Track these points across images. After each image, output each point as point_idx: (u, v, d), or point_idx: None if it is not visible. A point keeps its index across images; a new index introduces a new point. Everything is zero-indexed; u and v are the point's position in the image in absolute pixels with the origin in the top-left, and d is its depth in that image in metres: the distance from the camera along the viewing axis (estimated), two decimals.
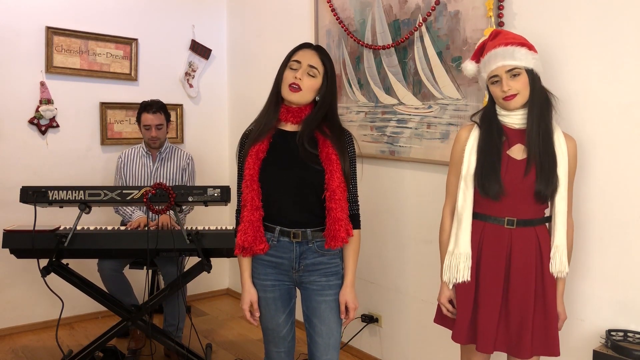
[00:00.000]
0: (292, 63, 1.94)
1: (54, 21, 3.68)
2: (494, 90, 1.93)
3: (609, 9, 2.10)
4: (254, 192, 1.90)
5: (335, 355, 2.01)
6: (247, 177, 1.91)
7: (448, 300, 2.03)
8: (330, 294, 1.98)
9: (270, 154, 1.93)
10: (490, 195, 1.90)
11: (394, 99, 2.96)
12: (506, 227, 1.92)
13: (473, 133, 1.98)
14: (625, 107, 2.07)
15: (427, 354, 2.91)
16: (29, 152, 3.66)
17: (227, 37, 4.42)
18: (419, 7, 2.78)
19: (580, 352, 2.23)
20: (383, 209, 3.10)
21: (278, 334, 2.01)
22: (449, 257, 1.99)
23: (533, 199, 1.90)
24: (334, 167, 1.89)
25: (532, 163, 1.88)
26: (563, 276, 1.93)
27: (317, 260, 1.97)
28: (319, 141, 1.93)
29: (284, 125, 1.99)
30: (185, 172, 3.45)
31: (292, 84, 1.91)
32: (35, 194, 2.60)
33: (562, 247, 1.91)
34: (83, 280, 2.92)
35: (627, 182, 2.08)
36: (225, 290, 4.59)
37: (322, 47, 2.03)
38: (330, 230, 1.90)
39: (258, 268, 1.99)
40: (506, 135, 1.94)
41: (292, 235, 1.94)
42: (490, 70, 1.91)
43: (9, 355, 3.34)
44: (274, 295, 1.99)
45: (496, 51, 1.90)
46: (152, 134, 3.32)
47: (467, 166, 1.95)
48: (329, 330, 1.99)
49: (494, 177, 1.88)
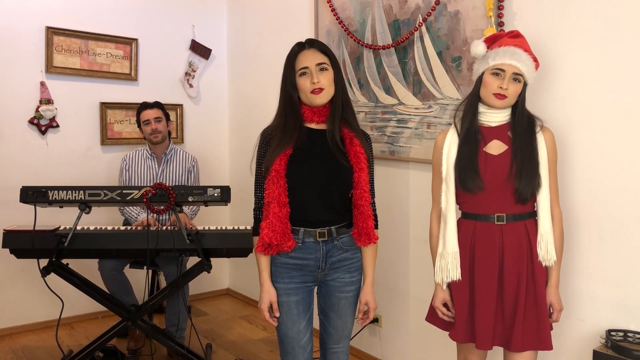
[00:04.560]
0: (301, 70, 1.92)
1: (54, 21, 3.68)
2: (491, 81, 1.94)
3: (608, 9, 2.10)
4: (280, 189, 1.88)
5: (346, 343, 2.08)
6: (274, 174, 1.88)
7: (442, 303, 2.05)
8: (351, 290, 2.02)
9: (297, 151, 1.92)
10: (470, 188, 1.93)
11: (394, 99, 2.96)
12: (496, 224, 1.95)
13: (449, 135, 2.04)
14: (625, 107, 2.07)
15: (427, 354, 2.91)
16: (29, 152, 3.66)
17: (227, 37, 4.42)
18: (419, 7, 2.78)
19: (580, 352, 2.23)
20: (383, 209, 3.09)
21: (298, 342, 1.96)
22: (438, 259, 2.03)
23: (513, 196, 1.92)
24: (362, 165, 1.92)
25: (513, 157, 1.92)
26: (551, 264, 1.95)
27: (342, 257, 1.98)
28: (346, 139, 1.95)
29: (309, 124, 1.98)
30: (191, 174, 3.47)
31: (314, 89, 1.90)
32: (35, 194, 2.60)
33: (546, 236, 1.94)
34: (83, 280, 2.92)
35: (627, 182, 2.08)
36: (225, 290, 4.59)
37: (313, 39, 2.01)
38: (363, 227, 1.92)
39: (281, 272, 1.96)
40: (482, 134, 1.98)
41: (317, 235, 1.94)
42: (501, 62, 1.92)
43: (9, 355, 3.34)
44: (297, 298, 1.96)
45: (515, 50, 1.93)
46: (152, 127, 3.33)
47: (445, 167, 2.00)
48: (344, 324, 2.04)
49: (472, 169, 1.93)
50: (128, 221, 3.42)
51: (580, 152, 2.19)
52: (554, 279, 1.98)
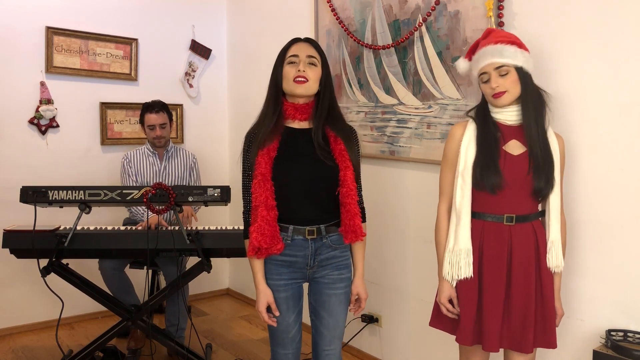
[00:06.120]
0: (290, 58, 1.94)
1: (54, 21, 3.68)
2: (484, 87, 1.95)
3: (608, 9, 2.10)
4: (267, 192, 1.88)
5: (338, 345, 2.06)
6: (260, 177, 1.88)
7: (448, 300, 2.01)
8: (340, 287, 2.02)
9: (281, 152, 1.92)
10: (488, 188, 1.90)
11: (394, 99, 2.96)
12: (505, 224, 1.92)
13: (469, 128, 1.98)
14: (624, 107, 2.07)
15: (427, 354, 2.91)
16: (29, 152, 3.66)
17: (227, 37, 4.42)
18: (419, 7, 2.78)
19: (580, 352, 2.23)
20: (383, 209, 3.10)
21: (287, 334, 2.01)
22: (448, 254, 1.98)
23: (530, 195, 1.91)
24: (347, 163, 1.92)
25: (531, 159, 1.89)
26: (559, 271, 1.96)
27: (330, 255, 1.99)
28: (330, 138, 1.95)
29: (291, 123, 1.98)
30: (193, 171, 3.53)
31: (298, 77, 1.90)
32: (35, 194, 2.60)
33: (557, 242, 1.93)
34: (83, 280, 2.92)
35: (626, 182, 2.08)
36: (225, 290, 4.59)
37: (311, 38, 2.02)
38: (350, 225, 1.93)
39: (271, 268, 1.98)
40: (501, 131, 1.95)
41: (307, 233, 1.94)
42: (480, 67, 1.94)
43: (9, 355, 3.34)
44: (287, 294, 1.99)
45: (485, 49, 1.93)
46: (157, 133, 3.36)
47: (464, 161, 1.95)
48: (336, 323, 2.03)
49: (493, 168, 1.89)
50: (128, 221, 3.42)
51: (579, 152, 2.19)
52: (557, 284, 1.98)
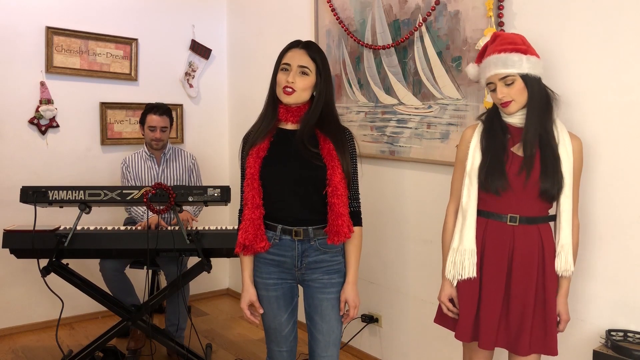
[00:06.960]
0: (283, 65, 1.95)
1: (54, 21, 3.68)
2: (492, 96, 1.97)
3: (609, 9, 2.10)
4: (254, 191, 1.92)
5: (335, 351, 2.02)
6: (248, 176, 1.93)
7: (449, 299, 2.03)
8: (332, 292, 1.99)
9: (271, 153, 1.95)
10: (492, 189, 1.90)
11: (394, 99, 2.96)
12: (509, 224, 1.92)
13: (477, 131, 2.01)
14: (626, 107, 2.07)
15: (427, 354, 2.91)
16: (29, 152, 3.66)
17: (227, 37, 4.42)
18: (419, 7, 2.78)
19: (580, 352, 2.23)
20: (383, 209, 3.10)
21: (280, 332, 2.02)
22: (452, 253, 1.98)
23: (538, 197, 1.90)
24: (335, 163, 1.91)
25: (529, 161, 1.89)
26: (568, 275, 1.93)
27: (319, 258, 1.97)
28: (319, 139, 1.95)
29: (285, 125, 2.00)
30: (193, 173, 3.50)
31: (285, 87, 1.92)
32: (35, 194, 2.60)
33: (567, 246, 1.91)
34: (83, 280, 2.92)
35: (628, 182, 2.08)
36: (225, 290, 4.59)
37: (311, 42, 2.01)
38: (333, 225, 1.91)
39: (260, 267, 2.00)
40: (510, 133, 1.96)
41: (293, 234, 1.95)
42: (486, 77, 1.95)
43: (9, 355, 3.34)
44: (277, 294, 2.00)
45: (489, 59, 1.92)
46: (157, 135, 3.34)
47: (471, 162, 1.97)
48: (330, 328, 2.00)
49: (499, 170, 1.90)
50: (129, 221, 3.42)
51: None
52: (565, 288, 1.96)
